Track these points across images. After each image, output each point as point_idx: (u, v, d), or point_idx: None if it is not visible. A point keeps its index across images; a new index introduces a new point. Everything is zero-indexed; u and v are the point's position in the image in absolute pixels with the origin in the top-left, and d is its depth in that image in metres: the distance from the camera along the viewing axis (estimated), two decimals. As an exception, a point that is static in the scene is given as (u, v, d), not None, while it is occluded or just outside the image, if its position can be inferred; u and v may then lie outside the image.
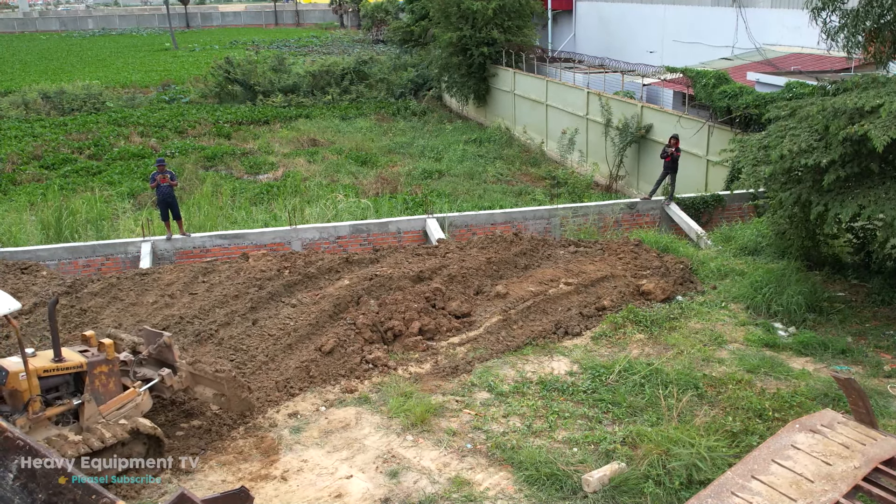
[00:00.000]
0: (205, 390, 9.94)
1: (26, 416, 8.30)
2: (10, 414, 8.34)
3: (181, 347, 11.83)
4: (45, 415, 8.49)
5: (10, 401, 8.47)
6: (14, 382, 8.28)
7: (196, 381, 9.92)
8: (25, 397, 8.32)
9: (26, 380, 8.29)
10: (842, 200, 11.89)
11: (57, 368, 8.66)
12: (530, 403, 10.53)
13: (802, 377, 11.27)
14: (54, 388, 8.76)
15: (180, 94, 53.58)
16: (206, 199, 23.70)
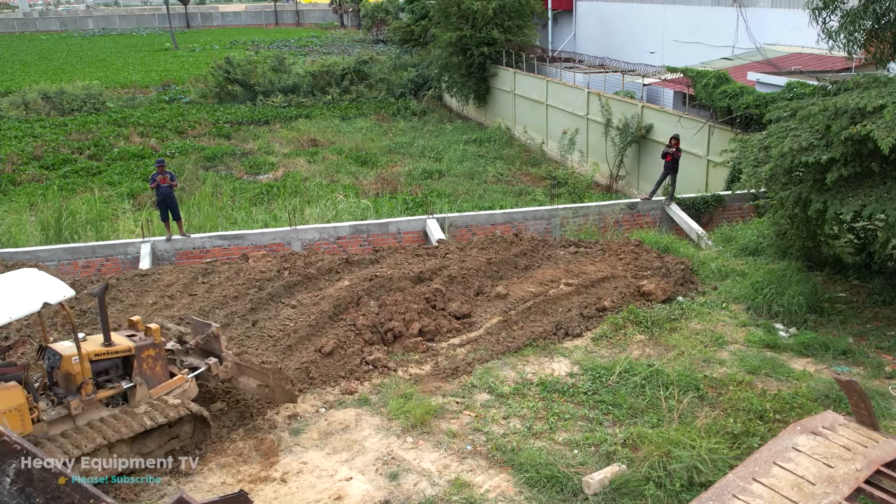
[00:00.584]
0: (248, 381, 10.18)
1: (79, 398, 8.68)
2: (63, 396, 8.74)
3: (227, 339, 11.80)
4: (96, 397, 8.87)
5: (63, 384, 8.88)
6: (67, 366, 8.66)
7: (240, 372, 10.21)
8: (78, 380, 8.70)
9: (79, 363, 8.65)
10: (842, 199, 11.86)
11: (107, 352, 9.04)
12: (531, 405, 10.50)
13: (803, 378, 11.24)
14: (104, 371, 9.12)
15: (180, 95, 53.55)
16: (205, 199, 23.68)
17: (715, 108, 23.22)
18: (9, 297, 8.34)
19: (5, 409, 7.94)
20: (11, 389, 8.08)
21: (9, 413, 7.97)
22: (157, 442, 9.16)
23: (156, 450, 9.14)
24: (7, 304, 8.22)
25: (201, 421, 9.45)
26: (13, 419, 8.00)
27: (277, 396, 10.10)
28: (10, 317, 8.14)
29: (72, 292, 8.72)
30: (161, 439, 9.19)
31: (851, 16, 14.41)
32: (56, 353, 8.81)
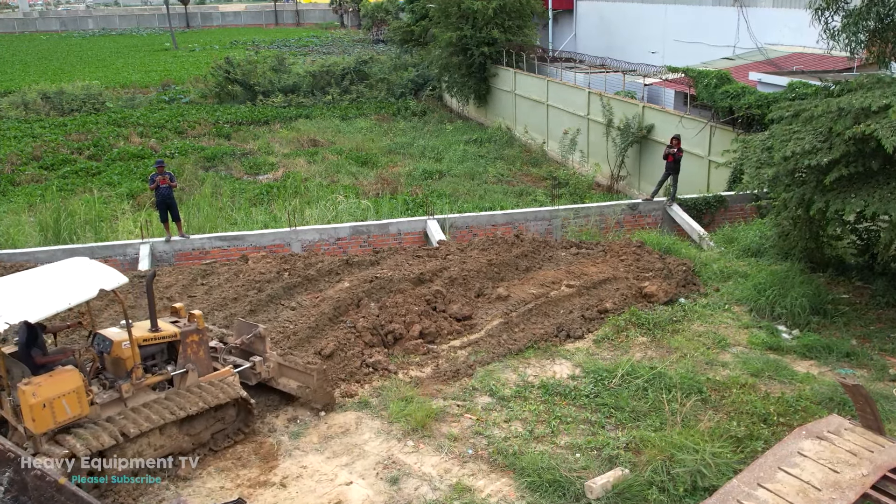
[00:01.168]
0: (289, 382, 10.59)
1: (130, 382, 9.01)
2: (113, 381, 9.05)
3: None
4: (146, 382, 9.20)
5: (112, 369, 9.21)
6: (118, 351, 8.97)
7: (281, 373, 10.66)
8: (128, 365, 9.02)
9: (129, 348, 8.97)
10: (844, 199, 11.78)
11: (154, 338, 9.43)
12: (532, 408, 10.42)
13: (807, 381, 11.16)
14: (150, 356, 9.50)
15: (180, 95, 53.47)
16: (205, 200, 23.58)
17: (716, 108, 23.13)
18: (67, 284, 8.69)
19: (65, 391, 8.28)
20: (70, 373, 8.41)
21: (68, 395, 8.30)
22: (203, 425, 9.47)
23: (202, 432, 9.46)
24: (66, 291, 8.54)
25: (245, 406, 9.82)
26: (72, 401, 8.34)
27: (318, 397, 10.42)
28: (69, 303, 8.44)
29: (125, 279, 9.08)
30: (207, 422, 9.51)
31: (854, 16, 14.32)
32: (106, 338, 9.10)
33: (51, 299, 8.41)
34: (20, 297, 8.39)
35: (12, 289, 8.68)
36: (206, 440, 9.52)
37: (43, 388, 8.15)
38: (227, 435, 9.74)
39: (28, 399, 8.04)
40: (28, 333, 8.70)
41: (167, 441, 9.09)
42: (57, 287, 8.68)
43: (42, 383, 8.18)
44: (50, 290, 8.60)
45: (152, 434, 8.91)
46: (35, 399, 8.06)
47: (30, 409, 8.05)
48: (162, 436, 9.03)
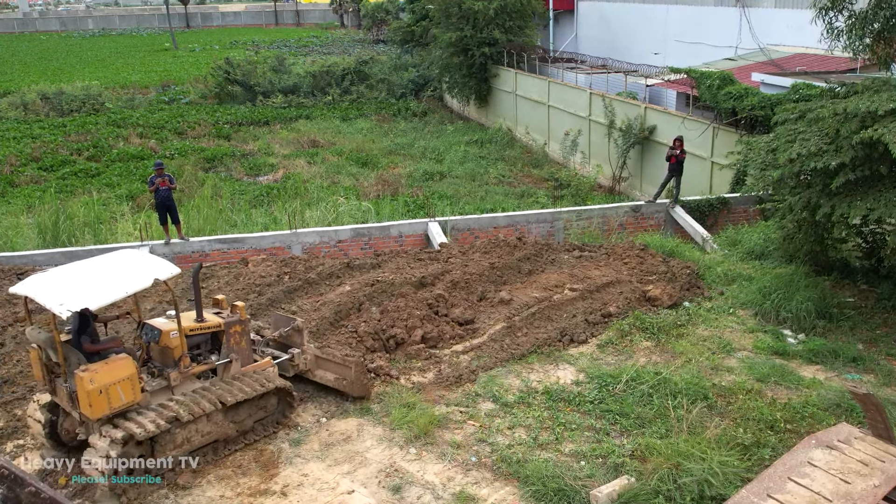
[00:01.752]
0: (326, 374, 10.85)
1: (178, 371, 9.28)
2: (161, 369, 9.35)
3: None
4: (193, 370, 9.48)
5: (159, 357, 9.47)
6: (166, 340, 9.25)
7: (318, 365, 10.93)
8: (176, 354, 9.29)
9: (177, 338, 9.25)
10: (850, 202, 11.66)
11: (200, 328, 9.73)
12: (536, 414, 10.29)
13: (813, 386, 11.04)
14: (196, 346, 9.79)
15: (180, 95, 53.35)
16: (205, 201, 23.44)
17: (719, 109, 23.00)
18: (123, 274, 9.01)
19: (120, 378, 8.56)
20: (124, 360, 8.68)
21: (122, 382, 8.59)
22: (247, 413, 9.73)
23: (246, 419, 9.71)
24: (123, 280, 8.86)
25: (285, 395, 10.11)
26: (126, 388, 8.62)
27: (355, 388, 10.60)
28: (126, 291, 8.75)
29: (178, 270, 9.43)
30: (251, 410, 9.77)
31: (859, 17, 14.19)
32: (155, 328, 9.35)
33: (109, 288, 8.67)
34: (78, 286, 8.60)
35: (68, 278, 8.87)
36: (248, 428, 9.78)
37: (100, 374, 8.41)
38: (268, 423, 10.01)
39: (85, 385, 8.30)
40: (80, 322, 8.89)
41: (214, 428, 9.31)
42: (113, 276, 8.96)
43: (99, 370, 8.44)
44: (107, 280, 8.87)
45: (200, 421, 9.14)
46: (92, 385, 8.33)
47: (87, 395, 8.32)
48: (209, 422, 9.25)
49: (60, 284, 8.66)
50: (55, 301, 8.25)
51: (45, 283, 8.78)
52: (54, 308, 8.20)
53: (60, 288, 8.54)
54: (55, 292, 8.43)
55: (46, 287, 8.62)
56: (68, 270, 9.18)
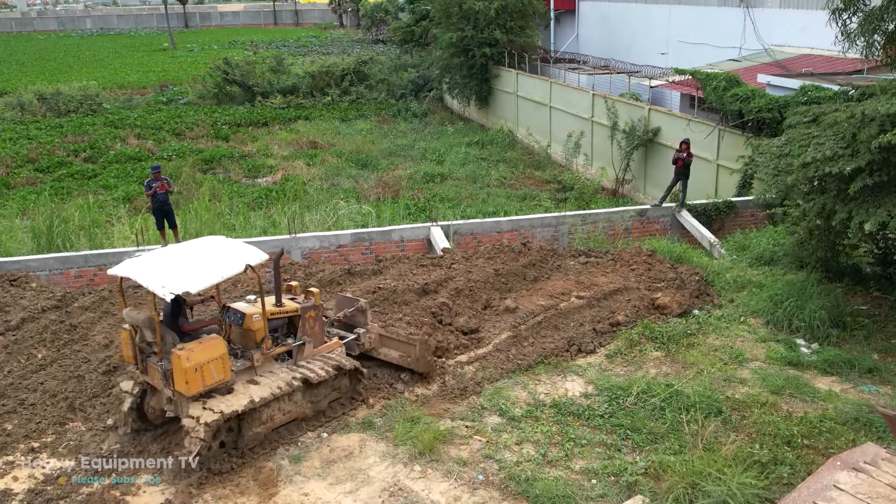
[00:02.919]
0: (390, 352, 11.35)
1: (261, 352, 9.73)
2: (242, 351, 9.82)
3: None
4: (273, 351, 9.97)
5: (240, 340, 9.90)
6: (249, 323, 9.69)
7: (382, 343, 11.42)
8: (258, 336, 9.73)
9: (259, 321, 9.70)
10: (867, 209, 11.30)
11: (279, 312, 10.15)
12: (544, 429, 9.95)
13: (829, 399, 10.71)
14: (274, 329, 10.21)
15: (178, 96, 52.99)
16: (202, 204, 23.05)
17: (725, 111, 22.65)
18: (216, 259, 9.42)
19: (213, 357, 8.99)
20: (216, 340, 9.19)
21: (215, 361, 9.01)
22: (324, 393, 10.22)
23: (322, 399, 10.21)
24: (217, 265, 9.27)
25: (356, 375, 10.61)
26: (218, 366, 9.05)
27: (420, 365, 11.09)
28: (221, 276, 9.19)
29: (266, 256, 9.77)
30: (326, 390, 10.25)
31: (872, 18, 13.84)
32: (238, 311, 9.82)
33: (206, 272, 9.10)
34: (177, 270, 9.02)
35: (165, 262, 9.30)
36: (324, 408, 10.25)
37: (195, 353, 8.85)
38: (341, 402, 10.49)
39: (182, 363, 8.73)
40: (174, 304, 9.27)
41: (293, 407, 9.81)
42: (208, 261, 9.36)
43: (194, 349, 8.89)
44: (202, 265, 9.26)
45: (282, 399, 9.63)
46: (188, 363, 8.75)
47: (183, 373, 8.74)
48: (290, 402, 9.75)
49: (159, 268, 9.08)
50: (158, 284, 8.67)
51: (144, 266, 9.21)
52: (157, 290, 8.61)
53: (160, 271, 8.97)
54: (156, 275, 8.85)
55: (146, 270, 9.05)
56: (162, 254, 9.71)
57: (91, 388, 11.15)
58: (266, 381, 9.61)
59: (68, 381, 11.34)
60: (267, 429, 9.57)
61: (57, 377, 11.48)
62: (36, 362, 11.99)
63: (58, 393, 11.05)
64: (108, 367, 11.55)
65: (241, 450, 9.35)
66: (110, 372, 11.50)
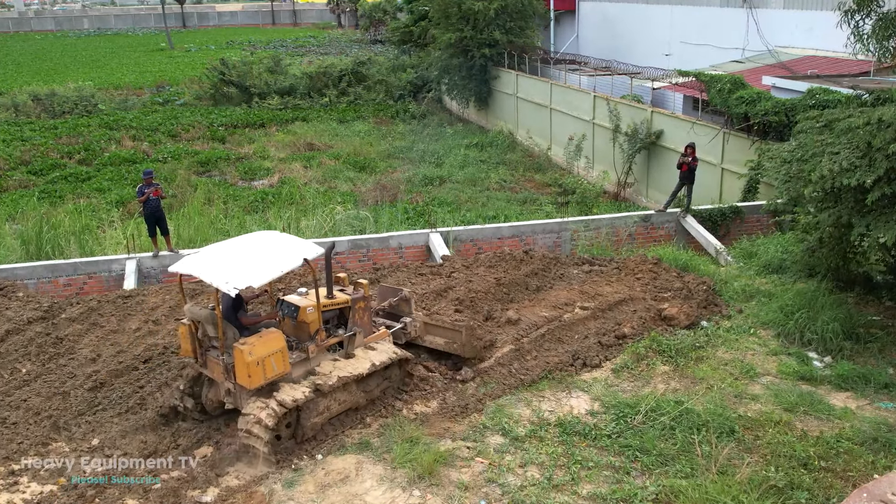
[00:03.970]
0: (435, 339, 11.66)
1: (315, 344, 9.93)
2: (297, 343, 9.97)
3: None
4: (327, 343, 10.17)
5: (293, 332, 10.06)
6: (303, 316, 9.92)
7: (427, 331, 11.70)
8: (312, 328, 9.95)
9: (313, 313, 9.90)
10: (886, 221, 10.86)
11: (331, 304, 10.38)
12: (549, 450, 9.52)
13: (845, 417, 10.30)
14: (326, 321, 10.39)
15: (174, 96, 52.47)
16: (195, 210, 22.56)
17: (730, 114, 22.20)
18: (274, 254, 9.63)
19: (273, 350, 9.22)
20: (276, 334, 9.39)
21: (275, 354, 9.24)
22: (376, 382, 10.49)
23: (374, 388, 10.46)
24: (276, 260, 9.48)
25: (405, 364, 10.91)
26: (278, 359, 9.28)
27: (466, 351, 11.43)
28: (281, 270, 9.41)
29: (321, 250, 10.10)
30: (378, 380, 10.51)
31: (886, 20, 13.41)
32: (292, 304, 10.03)
33: (267, 267, 9.29)
34: (237, 266, 9.17)
35: (223, 257, 9.50)
36: (376, 396, 10.49)
37: (257, 347, 9.07)
38: (393, 390, 10.75)
39: (245, 357, 8.95)
40: (234, 300, 9.42)
41: (349, 397, 10.05)
42: (267, 256, 9.55)
43: (256, 343, 9.10)
44: (262, 259, 9.45)
45: (338, 390, 9.84)
46: (251, 357, 8.97)
47: (246, 367, 8.96)
48: (345, 392, 9.96)
49: (220, 264, 9.27)
50: (221, 279, 8.85)
51: (205, 262, 9.39)
52: (221, 286, 8.79)
53: (222, 267, 9.15)
54: (218, 271, 9.04)
55: (208, 266, 9.24)
56: (219, 250, 9.88)
57: (76, 406, 10.72)
58: (322, 373, 9.84)
59: (52, 398, 10.92)
60: (324, 419, 9.79)
61: (41, 394, 11.05)
62: (20, 377, 11.55)
63: (41, 411, 10.62)
64: (94, 384, 11.11)
65: (299, 440, 9.61)
66: (96, 388, 11.06)
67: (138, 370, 11.58)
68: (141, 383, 11.24)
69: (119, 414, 10.52)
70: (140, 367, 11.66)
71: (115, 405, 10.72)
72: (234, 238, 10.59)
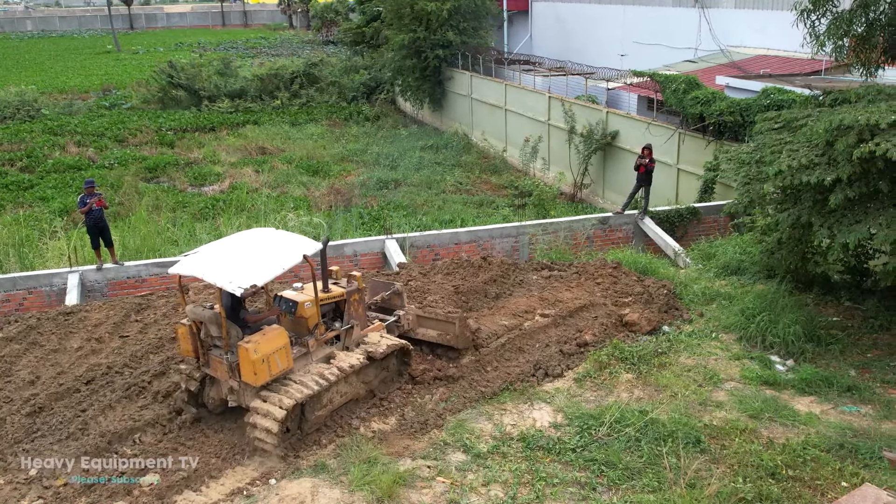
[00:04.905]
0: (428, 331, 11.81)
1: (315, 338, 10.06)
2: (296, 338, 10.01)
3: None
4: (326, 336, 10.29)
5: (292, 327, 10.05)
6: (301, 311, 9.99)
7: (420, 324, 11.84)
8: (311, 323, 10.05)
9: (311, 308, 9.99)
10: (848, 223, 10.75)
11: (328, 298, 10.39)
12: (513, 467, 9.17)
13: (810, 422, 10.15)
14: (323, 315, 10.37)
15: (121, 100, 51.18)
16: (141, 220, 21.78)
17: (686, 114, 22.17)
18: (274, 251, 9.66)
19: (277, 347, 9.29)
20: (280, 331, 9.45)
21: (279, 351, 9.31)
22: (374, 372, 10.65)
23: (373, 379, 10.65)
24: (277, 257, 9.49)
25: (402, 353, 11.06)
26: (282, 356, 9.37)
27: (460, 342, 11.61)
28: (283, 267, 9.39)
29: (320, 246, 10.16)
30: (376, 371, 10.68)
31: (841, 21, 13.41)
32: (290, 300, 10.05)
33: (268, 265, 9.29)
34: (238, 265, 9.14)
35: (223, 258, 9.41)
36: (375, 386, 10.66)
37: (262, 345, 9.13)
38: (390, 380, 10.94)
39: (250, 355, 9.01)
40: (234, 298, 9.38)
41: (349, 388, 10.22)
42: (267, 254, 9.56)
43: (260, 341, 9.15)
44: (262, 258, 9.44)
45: (339, 382, 9.94)
46: (256, 355, 9.03)
47: (252, 365, 9.03)
48: (346, 384, 10.12)
49: (221, 263, 9.23)
50: (225, 279, 8.83)
51: (205, 262, 9.36)
52: (226, 286, 8.77)
53: (223, 267, 9.11)
54: (221, 271, 9.02)
55: (209, 266, 9.21)
56: (217, 249, 9.76)
57: (13, 434, 10.07)
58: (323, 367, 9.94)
59: (-13, 426, 10.26)
60: (327, 411, 9.93)
61: (-26, 421, 10.39)
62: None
63: (-26, 440, 9.97)
64: (32, 408, 10.48)
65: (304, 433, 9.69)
66: (35, 413, 10.44)
67: (80, 392, 10.97)
68: (83, 406, 10.62)
69: (59, 441, 9.91)
70: (82, 388, 11.05)
71: (55, 431, 10.10)
72: (229, 236, 10.52)
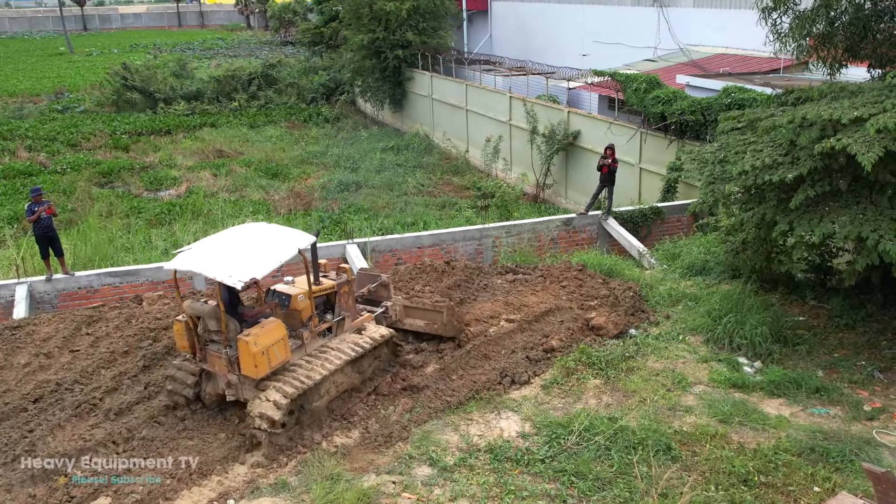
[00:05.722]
0: (415, 321, 12.06)
1: (309, 330, 10.22)
2: (290, 330, 10.03)
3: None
4: (319, 328, 10.46)
5: (285, 320, 10.03)
6: (295, 304, 10.17)
7: (407, 314, 12.08)
8: (304, 315, 10.26)
9: (305, 301, 10.20)
10: (809, 220, 10.65)
11: (320, 291, 10.58)
12: (481, 480, 8.91)
13: (780, 425, 10.03)
14: (315, 307, 10.47)
15: (74, 103, 49.98)
16: (92, 228, 21.09)
17: (647, 114, 22.11)
18: (271, 245, 9.75)
19: (275, 340, 9.42)
20: (277, 324, 9.56)
21: (277, 343, 9.44)
22: (368, 362, 10.82)
23: (367, 369, 10.79)
24: (272, 251, 9.58)
25: (392, 342, 11.30)
26: (280, 348, 9.51)
27: (448, 330, 11.88)
28: (279, 261, 9.48)
29: (314, 238, 10.31)
30: (370, 360, 10.84)
31: (803, 20, 13.34)
32: (283, 293, 10.24)
33: (265, 258, 9.40)
34: (235, 259, 9.21)
35: (220, 253, 9.47)
36: (368, 376, 10.81)
37: (261, 338, 9.24)
38: (383, 369, 11.13)
39: (250, 348, 9.13)
40: (231, 293, 9.54)
41: (345, 379, 10.34)
42: (262, 248, 9.65)
43: (259, 334, 9.25)
44: (258, 251, 9.54)
45: (336, 373, 10.06)
46: (256, 348, 9.15)
47: (252, 358, 9.15)
48: (341, 374, 10.23)
49: (218, 257, 9.28)
50: (224, 273, 8.87)
51: (201, 257, 9.42)
52: (225, 280, 8.81)
53: (221, 261, 9.16)
54: (219, 265, 9.07)
55: (206, 261, 9.28)
56: (213, 244, 9.84)
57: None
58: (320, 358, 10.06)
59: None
60: (325, 402, 10.01)
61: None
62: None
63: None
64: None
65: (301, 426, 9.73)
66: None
67: (27, 411, 10.47)
68: (31, 426, 10.13)
69: (4, 464, 9.41)
70: (30, 407, 10.55)
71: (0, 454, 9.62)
72: (224, 231, 10.57)
